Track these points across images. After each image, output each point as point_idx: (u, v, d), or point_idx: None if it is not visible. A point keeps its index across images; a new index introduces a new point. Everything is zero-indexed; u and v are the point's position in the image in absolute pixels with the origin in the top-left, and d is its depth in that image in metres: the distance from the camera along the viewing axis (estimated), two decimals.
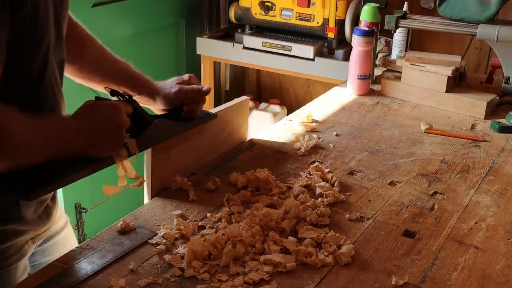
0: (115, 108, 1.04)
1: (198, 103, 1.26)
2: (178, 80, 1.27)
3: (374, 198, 1.27)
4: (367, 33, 1.81)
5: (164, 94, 1.25)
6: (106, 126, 1.02)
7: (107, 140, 1.03)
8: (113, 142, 1.04)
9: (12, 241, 1.07)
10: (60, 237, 1.25)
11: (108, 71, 1.25)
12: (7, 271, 1.06)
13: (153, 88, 1.26)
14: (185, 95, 1.24)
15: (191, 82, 1.27)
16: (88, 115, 1.02)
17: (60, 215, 1.25)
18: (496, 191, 1.32)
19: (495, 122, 1.67)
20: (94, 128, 1.01)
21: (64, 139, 0.97)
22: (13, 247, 1.07)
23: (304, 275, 1.01)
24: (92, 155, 1.03)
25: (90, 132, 1.00)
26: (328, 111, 1.76)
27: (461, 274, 1.04)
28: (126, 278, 0.98)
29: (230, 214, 1.17)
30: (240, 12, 2.69)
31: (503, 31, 1.72)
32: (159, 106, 1.27)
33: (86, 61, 1.23)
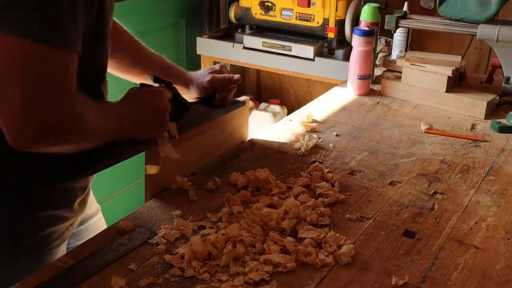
0: (159, 93, 1.13)
1: (229, 91, 1.36)
2: (210, 69, 1.36)
3: (374, 198, 1.27)
4: (367, 33, 1.81)
5: (197, 83, 1.34)
6: (151, 110, 1.11)
7: (152, 124, 1.12)
8: (158, 126, 1.14)
9: (57, 226, 1.13)
10: (92, 221, 1.32)
11: (146, 64, 1.33)
12: (49, 255, 1.12)
13: (186, 78, 1.35)
14: (217, 84, 1.33)
15: (222, 71, 1.36)
16: (135, 101, 1.10)
17: (92, 201, 1.31)
18: (496, 191, 1.32)
19: (495, 122, 1.67)
20: (141, 113, 1.09)
21: (120, 125, 1.05)
22: (57, 232, 1.13)
23: (304, 275, 1.01)
24: (138, 137, 1.11)
25: (137, 117, 1.08)
26: (328, 111, 1.76)
27: (461, 274, 1.04)
28: (126, 278, 0.98)
29: (230, 214, 1.17)
30: (240, 12, 2.69)
31: (503, 31, 1.72)
32: (193, 94, 1.35)
33: (126, 55, 1.31)
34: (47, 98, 0.89)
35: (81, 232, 1.27)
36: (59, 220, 1.13)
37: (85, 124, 0.96)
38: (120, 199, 2.53)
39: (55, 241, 1.14)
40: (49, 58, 0.89)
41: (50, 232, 1.12)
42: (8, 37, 0.87)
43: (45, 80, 0.89)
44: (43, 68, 0.89)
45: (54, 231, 1.13)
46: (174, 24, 2.84)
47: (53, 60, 0.89)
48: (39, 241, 1.11)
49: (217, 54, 2.73)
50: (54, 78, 0.90)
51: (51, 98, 0.90)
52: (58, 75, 0.90)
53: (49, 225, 1.11)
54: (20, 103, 0.88)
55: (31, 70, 0.88)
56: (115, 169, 1.25)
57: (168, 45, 2.84)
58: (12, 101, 0.88)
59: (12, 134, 0.90)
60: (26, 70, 0.88)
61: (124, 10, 2.51)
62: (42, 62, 0.88)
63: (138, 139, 1.12)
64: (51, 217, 1.11)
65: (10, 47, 0.87)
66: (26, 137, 0.90)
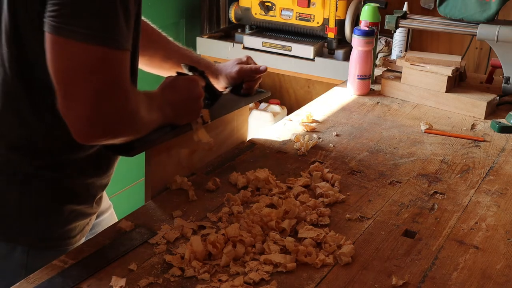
0: (194, 81, 1.21)
1: (255, 81, 1.43)
2: (237, 60, 1.44)
3: (374, 198, 1.27)
4: (367, 33, 1.81)
5: (226, 73, 1.42)
6: (187, 97, 1.18)
7: (188, 110, 1.20)
8: (193, 112, 1.21)
9: (80, 221, 1.17)
10: (105, 216, 1.37)
11: (176, 58, 1.40)
12: (70, 248, 1.15)
13: (215, 69, 1.43)
14: (245, 74, 1.41)
15: (248, 62, 1.44)
16: (173, 89, 1.17)
17: (105, 197, 1.35)
18: (496, 191, 1.32)
19: (495, 122, 1.67)
20: (178, 100, 1.17)
21: (162, 111, 1.13)
22: (79, 227, 1.18)
23: (304, 275, 1.01)
24: (176, 123, 1.19)
25: (175, 104, 1.16)
26: (328, 111, 1.76)
27: (461, 274, 1.04)
28: (126, 278, 0.98)
29: (230, 214, 1.17)
30: (240, 12, 2.69)
31: (503, 31, 1.72)
32: (222, 84, 1.43)
33: (157, 51, 1.39)
34: (112, 97, 0.96)
35: (94, 226, 1.30)
36: (81, 215, 1.17)
37: (138, 116, 1.04)
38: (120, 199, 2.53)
39: (76, 236, 1.18)
40: (113, 60, 0.96)
41: (73, 226, 1.16)
42: (77, 44, 0.92)
43: (110, 81, 0.95)
44: (109, 70, 0.95)
45: (77, 225, 1.17)
46: (174, 24, 2.84)
47: (116, 61, 0.96)
48: (63, 234, 1.15)
49: (217, 54, 2.73)
50: (117, 78, 0.97)
51: (115, 97, 0.97)
52: (120, 74, 0.98)
53: (73, 219, 1.16)
54: (88, 105, 0.94)
55: (98, 74, 0.94)
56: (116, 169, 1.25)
57: None
58: (80, 103, 0.94)
59: (79, 133, 0.97)
60: (94, 74, 0.94)
61: None
62: (108, 65, 0.95)
63: (176, 124, 1.19)
64: (74, 212, 1.15)
65: (79, 53, 0.93)
66: (93, 134, 0.97)
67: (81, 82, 0.93)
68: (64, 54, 0.93)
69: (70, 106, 0.95)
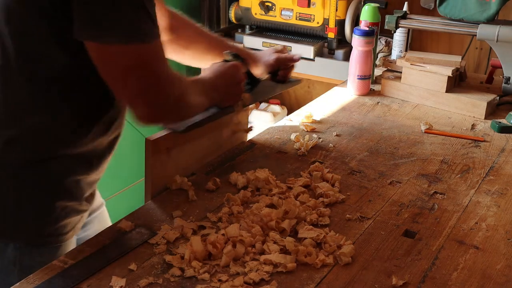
0: (237, 67, 1.31)
1: (290, 69, 1.54)
2: (274, 50, 1.55)
3: (374, 198, 1.27)
4: (367, 33, 1.81)
5: (263, 61, 1.51)
6: (230, 81, 1.29)
7: (231, 93, 1.31)
8: (235, 95, 1.32)
9: (71, 218, 1.18)
10: (97, 214, 1.37)
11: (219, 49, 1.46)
12: (63, 245, 1.17)
13: (254, 57, 1.51)
14: (282, 62, 1.51)
15: (284, 51, 1.56)
16: (218, 74, 1.27)
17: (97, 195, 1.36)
18: (496, 191, 1.32)
19: (495, 122, 1.67)
20: (223, 84, 1.27)
21: (208, 95, 1.23)
22: (71, 224, 1.18)
23: (304, 275, 1.01)
24: (220, 105, 1.29)
25: (220, 87, 1.27)
26: (328, 111, 1.76)
27: (461, 274, 1.04)
28: (126, 278, 0.98)
29: (230, 214, 1.17)
30: (240, 12, 2.69)
31: (503, 31, 1.72)
32: (259, 71, 1.51)
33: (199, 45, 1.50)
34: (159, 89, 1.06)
35: (86, 224, 1.30)
36: (73, 212, 1.18)
37: (186, 100, 1.15)
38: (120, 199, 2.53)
39: (69, 232, 1.18)
40: (151, 54, 1.04)
41: (65, 223, 1.17)
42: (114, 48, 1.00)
43: (153, 72, 1.05)
44: (151, 64, 1.04)
45: (69, 222, 1.17)
46: None
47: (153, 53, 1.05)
48: (55, 231, 1.16)
49: None
50: (158, 67, 1.06)
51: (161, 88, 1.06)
52: (160, 65, 1.06)
53: (65, 216, 1.16)
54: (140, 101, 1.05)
55: (141, 69, 1.03)
56: (116, 169, 1.25)
57: None
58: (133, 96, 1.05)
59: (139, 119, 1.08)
60: (138, 70, 1.03)
61: None
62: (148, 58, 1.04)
63: (220, 106, 1.29)
64: (66, 209, 1.16)
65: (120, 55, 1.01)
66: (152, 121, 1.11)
67: (128, 83, 1.03)
68: (107, 58, 1.02)
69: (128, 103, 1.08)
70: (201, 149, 1.36)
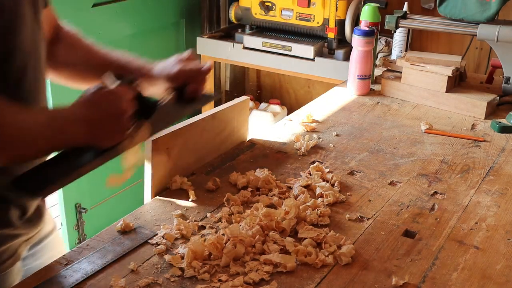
0: (115, 95, 0.99)
1: (200, 82, 1.22)
2: (178, 59, 1.23)
3: (374, 198, 1.27)
4: (367, 33, 1.81)
5: (164, 75, 1.21)
6: (106, 114, 0.97)
7: (110, 129, 0.99)
8: (116, 131, 0.99)
9: (6, 245, 1.06)
10: (49, 240, 1.23)
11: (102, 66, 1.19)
12: (2, 275, 1.06)
13: (150, 72, 1.22)
14: (187, 75, 1.20)
15: (190, 58, 1.24)
16: (87, 104, 0.97)
17: (49, 218, 1.23)
18: (496, 191, 1.32)
19: (495, 122, 1.67)
20: (94, 118, 0.96)
21: (62, 131, 0.94)
22: (8, 251, 1.07)
23: (304, 275, 1.01)
24: (97, 145, 0.99)
25: (90, 122, 0.96)
26: (328, 111, 1.76)
27: (461, 274, 1.03)
28: (126, 278, 0.98)
29: (230, 214, 1.17)
30: (240, 12, 2.69)
31: (503, 31, 1.72)
32: (161, 88, 1.22)
33: (77, 63, 1.20)
34: None
35: (38, 251, 1.19)
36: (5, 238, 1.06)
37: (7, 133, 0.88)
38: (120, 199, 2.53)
39: (7, 261, 1.07)
40: None
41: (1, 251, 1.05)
42: None
43: None
44: None
45: (4, 250, 1.06)
46: (174, 24, 2.84)
47: None
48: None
49: (217, 54, 2.73)
50: None
51: None
52: None
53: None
54: None
55: None
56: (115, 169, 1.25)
57: (168, 45, 2.84)
58: None
59: None
60: None
61: (124, 10, 2.52)
62: None
63: (98, 146, 0.99)
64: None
65: None
66: None
67: None
68: None
69: None
70: (201, 149, 1.36)
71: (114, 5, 2.46)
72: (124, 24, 2.54)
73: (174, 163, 1.28)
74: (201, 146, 1.36)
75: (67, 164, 0.97)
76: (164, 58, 1.25)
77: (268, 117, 2.75)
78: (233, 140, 1.48)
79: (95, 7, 2.37)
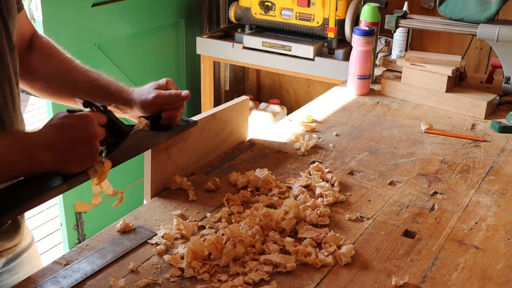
0: (86, 119, 0.96)
1: (177, 109, 1.19)
2: (155, 85, 1.19)
3: (374, 198, 1.27)
4: (367, 33, 1.81)
5: (140, 101, 1.17)
6: (77, 139, 0.95)
7: (80, 155, 0.96)
8: (86, 156, 0.97)
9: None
10: (27, 254, 1.19)
11: (78, 83, 1.18)
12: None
13: (128, 96, 1.19)
14: (163, 101, 1.16)
15: (168, 87, 1.20)
16: (57, 128, 0.94)
17: (27, 232, 1.19)
18: (496, 191, 1.32)
19: (495, 122, 1.67)
20: (64, 142, 0.94)
21: (29, 155, 0.91)
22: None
23: (304, 275, 1.01)
24: (66, 171, 0.96)
25: (59, 147, 0.93)
26: (328, 111, 1.76)
27: (461, 274, 1.03)
28: (126, 278, 0.98)
29: (230, 214, 1.17)
30: (240, 12, 2.69)
31: (503, 31, 1.72)
32: (137, 114, 1.19)
33: (54, 75, 1.17)
34: None
35: (15, 267, 1.16)
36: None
37: None
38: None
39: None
40: None
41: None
42: None
43: None
44: None
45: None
46: (174, 24, 2.84)
47: None
48: None
49: (216, 54, 2.73)
50: None
51: None
52: None
53: None
54: None
55: None
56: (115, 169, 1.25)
57: (168, 45, 2.84)
58: None
59: None
60: None
61: (124, 10, 2.52)
62: None
63: (66, 172, 0.97)
64: None
65: None
66: None
67: None
68: None
69: None
70: (201, 149, 1.36)
71: (113, 5, 2.46)
72: (124, 24, 2.55)
73: (174, 163, 1.28)
74: (201, 146, 1.36)
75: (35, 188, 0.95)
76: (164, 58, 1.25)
77: (268, 117, 2.75)
78: (233, 140, 1.48)
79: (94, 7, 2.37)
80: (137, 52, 2.68)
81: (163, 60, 2.82)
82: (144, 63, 2.73)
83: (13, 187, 0.94)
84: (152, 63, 2.76)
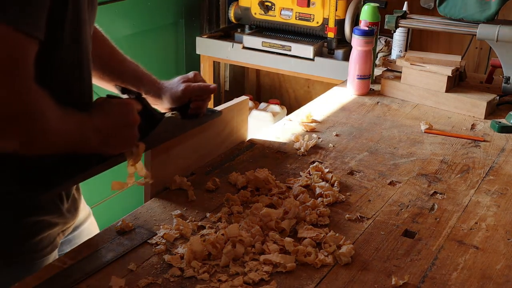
0: (127, 106, 1.05)
1: (204, 100, 1.28)
2: (183, 78, 1.29)
3: (374, 198, 1.27)
4: (367, 33, 1.81)
5: (170, 93, 1.27)
6: (119, 124, 1.03)
7: (121, 138, 1.05)
8: (126, 140, 1.06)
9: (46, 232, 1.09)
10: (84, 227, 1.27)
11: (117, 71, 1.27)
12: (40, 262, 1.09)
13: (159, 88, 1.28)
14: (192, 93, 1.26)
15: (196, 79, 1.29)
16: (102, 113, 1.02)
17: (83, 206, 1.27)
18: (496, 191, 1.32)
19: (495, 122, 1.67)
20: (109, 126, 1.02)
21: (83, 136, 0.98)
22: (47, 239, 1.10)
23: (304, 275, 1.01)
24: (106, 152, 1.04)
25: (105, 130, 1.01)
26: (328, 111, 1.75)
27: (461, 274, 1.03)
28: (125, 278, 0.98)
29: (229, 214, 1.17)
30: (240, 12, 2.69)
31: (503, 31, 1.72)
32: (166, 105, 1.28)
33: (97, 59, 1.22)
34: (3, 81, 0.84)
35: (74, 238, 1.23)
36: (48, 226, 1.09)
37: (42, 118, 0.89)
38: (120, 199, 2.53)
39: (46, 248, 1.10)
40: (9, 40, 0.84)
41: (40, 238, 1.08)
42: None
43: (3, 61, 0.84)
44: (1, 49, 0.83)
45: (45, 237, 1.09)
46: (174, 24, 2.84)
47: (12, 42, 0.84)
48: (30, 248, 1.07)
49: (216, 54, 2.73)
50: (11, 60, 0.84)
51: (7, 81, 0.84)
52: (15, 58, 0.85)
53: (38, 231, 1.08)
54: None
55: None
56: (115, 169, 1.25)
57: (167, 45, 2.84)
58: None
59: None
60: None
61: (124, 10, 2.51)
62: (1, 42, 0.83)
63: (105, 154, 1.05)
64: (39, 223, 1.08)
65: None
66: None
67: None
68: None
69: None
70: (201, 149, 1.36)
71: (113, 5, 2.46)
72: (124, 24, 2.54)
73: (174, 163, 1.28)
74: (201, 146, 1.36)
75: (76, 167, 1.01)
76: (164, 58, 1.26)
77: (268, 117, 2.75)
78: (233, 140, 1.48)
79: None
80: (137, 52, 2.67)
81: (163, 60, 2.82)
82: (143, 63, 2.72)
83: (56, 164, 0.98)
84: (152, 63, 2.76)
